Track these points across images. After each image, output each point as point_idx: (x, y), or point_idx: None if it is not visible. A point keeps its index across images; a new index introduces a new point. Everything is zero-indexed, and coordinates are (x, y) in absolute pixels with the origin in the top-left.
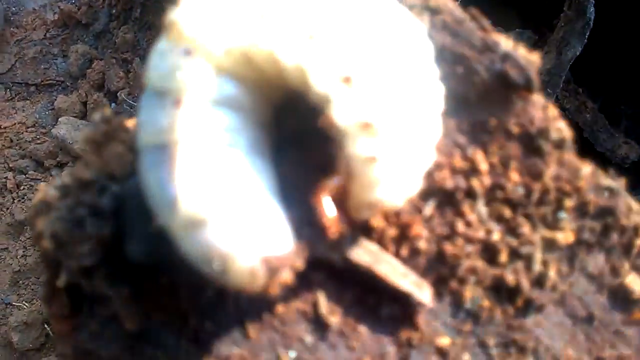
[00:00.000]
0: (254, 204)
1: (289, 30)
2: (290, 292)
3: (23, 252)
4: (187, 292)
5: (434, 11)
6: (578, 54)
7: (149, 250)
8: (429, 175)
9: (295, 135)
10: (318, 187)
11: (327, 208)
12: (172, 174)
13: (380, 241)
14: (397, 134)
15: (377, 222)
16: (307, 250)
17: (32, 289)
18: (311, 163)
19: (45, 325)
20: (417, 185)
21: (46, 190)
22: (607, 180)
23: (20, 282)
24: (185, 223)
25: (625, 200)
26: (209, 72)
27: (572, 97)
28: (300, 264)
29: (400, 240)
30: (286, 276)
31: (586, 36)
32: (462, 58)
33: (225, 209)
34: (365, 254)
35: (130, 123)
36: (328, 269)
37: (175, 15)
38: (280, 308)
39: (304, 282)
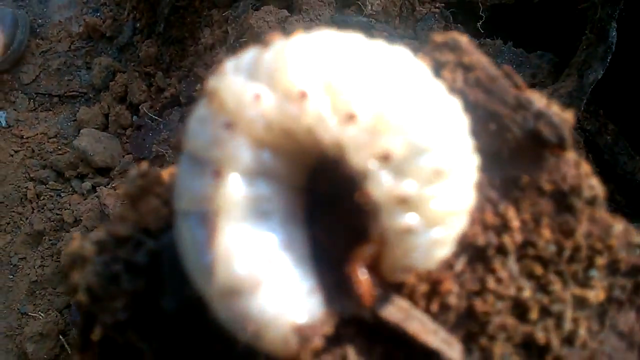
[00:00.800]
0: (287, 273)
1: (330, 107)
2: (321, 348)
3: (41, 262)
4: (220, 347)
5: (467, 68)
6: (599, 77)
7: (182, 305)
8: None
9: (328, 196)
10: (352, 256)
11: (362, 278)
12: (209, 242)
13: (411, 296)
14: (433, 205)
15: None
16: (336, 315)
17: (49, 300)
18: (343, 224)
19: (60, 337)
20: (450, 248)
21: (82, 244)
22: (638, 238)
23: (37, 292)
24: (220, 291)
25: None
26: (249, 146)
27: (592, 118)
28: (330, 330)
29: (431, 296)
30: (317, 343)
31: (608, 60)
32: (495, 115)
33: (260, 278)
34: (396, 310)
35: (165, 174)
36: (358, 324)
37: (217, 85)
38: None
39: (334, 337)
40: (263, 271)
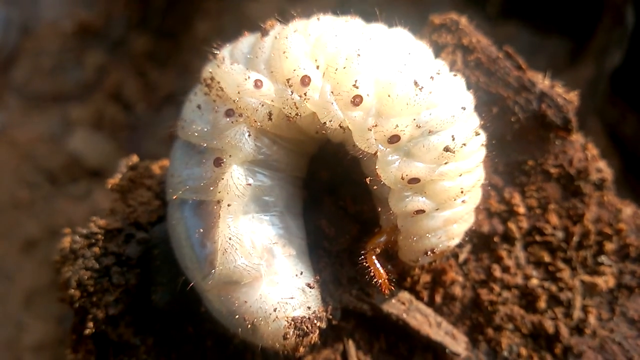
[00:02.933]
0: (286, 266)
1: (333, 92)
2: (320, 341)
3: (36, 270)
4: (213, 342)
5: (467, 50)
6: (618, 63)
7: (174, 299)
8: None
9: (329, 185)
10: (366, 247)
11: (379, 269)
12: (208, 233)
13: (414, 287)
14: (445, 185)
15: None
16: (335, 308)
17: (46, 309)
18: (345, 213)
19: (60, 346)
20: (472, 220)
21: (72, 237)
22: None
23: (34, 301)
24: (218, 283)
25: None
26: (251, 135)
27: (611, 107)
28: (324, 324)
29: (434, 286)
30: (315, 337)
31: (625, 45)
32: (497, 97)
33: (260, 271)
34: (398, 303)
35: (156, 167)
36: (358, 317)
37: (215, 72)
38: (309, 358)
39: (334, 330)
40: (263, 264)
